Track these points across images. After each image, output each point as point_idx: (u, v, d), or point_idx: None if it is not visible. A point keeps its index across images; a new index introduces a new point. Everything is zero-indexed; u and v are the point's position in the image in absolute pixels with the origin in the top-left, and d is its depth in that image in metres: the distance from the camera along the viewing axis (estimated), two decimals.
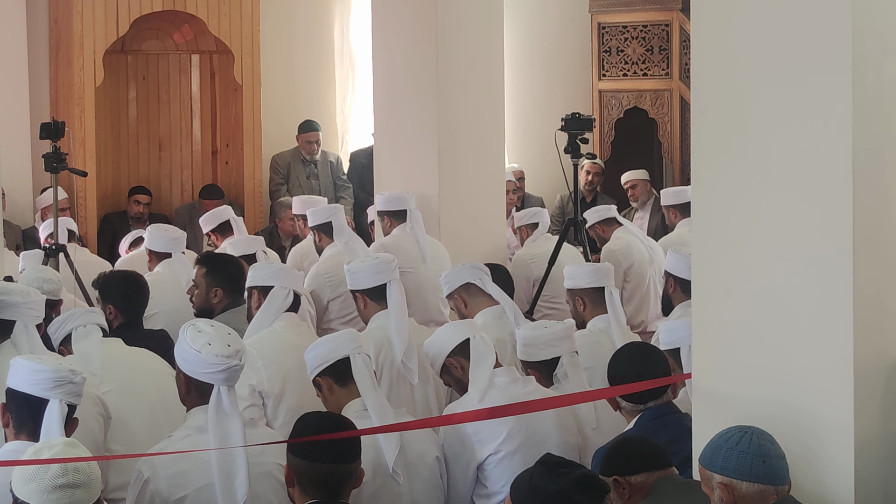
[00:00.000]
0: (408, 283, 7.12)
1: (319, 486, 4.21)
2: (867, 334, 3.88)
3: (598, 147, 11.74)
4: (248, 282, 6.36)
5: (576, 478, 3.63)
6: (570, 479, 3.61)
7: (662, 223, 9.88)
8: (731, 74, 4.12)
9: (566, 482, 3.61)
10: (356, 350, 5.05)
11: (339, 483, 4.23)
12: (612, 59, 11.91)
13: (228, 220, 8.73)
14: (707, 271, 4.24)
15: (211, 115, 11.32)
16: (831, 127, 3.87)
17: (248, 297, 6.37)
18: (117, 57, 10.92)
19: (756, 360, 4.06)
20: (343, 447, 4.27)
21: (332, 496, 4.21)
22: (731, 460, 3.68)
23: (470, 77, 8.69)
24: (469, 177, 8.66)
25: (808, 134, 3.92)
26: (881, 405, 3.95)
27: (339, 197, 11.06)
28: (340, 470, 4.23)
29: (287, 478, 4.29)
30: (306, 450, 4.24)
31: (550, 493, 3.62)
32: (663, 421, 4.83)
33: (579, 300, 6.53)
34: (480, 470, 5.11)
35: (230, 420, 4.49)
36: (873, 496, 3.93)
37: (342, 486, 4.25)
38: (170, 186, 11.35)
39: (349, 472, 4.27)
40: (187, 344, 4.56)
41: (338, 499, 4.22)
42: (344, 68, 11.91)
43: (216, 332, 4.60)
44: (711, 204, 4.21)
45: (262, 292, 6.19)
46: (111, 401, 5.24)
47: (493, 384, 5.22)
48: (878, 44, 3.92)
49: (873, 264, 3.90)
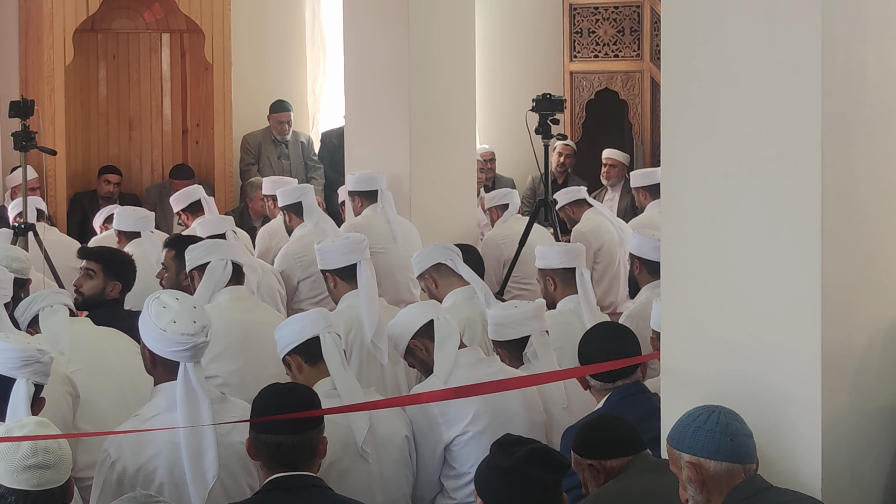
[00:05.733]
0: (378, 263, 7.12)
1: (275, 457, 4.14)
2: (835, 314, 3.89)
3: (570, 128, 11.74)
4: (187, 265, 6.37)
5: (525, 452, 3.63)
6: (520, 455, 3.62)
7: (632, 204, 9.90)
8: (702, 56, 4.13)
9: (517, 458, 3.62)
10: (326, 329, 5.04)
11: (294, 453, 4.14)
12: (583, 40, 11.92)
13: (199, 200, 8.70)
14: (677, 252, 4.25)
15: (181, 94, 11.28)
16: (800, 109, 3.87)
17: (190, 280, 6.37)
18: (87, 35, 10.87)
19: (725, 340, 4.08)
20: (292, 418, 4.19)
21: (289, 467, 4.13)
22: (699, 439, 3.69)
23: (441, 57, 8.68)
24: (440, 157, 8.65)
25: (777, 116, 3.93)
26: (849, 385, 3.97)
27: (309, 177, 11.04)
28: (294, 440, 4.14)
29: (248, 451, 4.25)
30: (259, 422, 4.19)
31: (503, 469, 3.63)
32: (632, 400, 4.84)
33: (550, 280, 6.55)
34: (448, 451, 5.12)
35: (198, 398, 4.47)
36: (841, 475, 3.95)
37: (298, 456, 4.14)
38: (140, 166, 11.31)
39: (304, 443, 4.17)
40: (152, 322, 4.51)
41: (298, 470, 4.13)
42: (315, 48, 11.88)
43: (181, 307, 4.55)
44: (681, 186, 4.22)
45: (201, 272, 6.21)
46: (79, 380, 5.23)
47: (457, 365, 5.22)
48: (848, 25, 3.93)
49: (841, 245, 3.91)
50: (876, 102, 4.03)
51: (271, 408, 4.21)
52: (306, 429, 4.19)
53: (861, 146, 3.98)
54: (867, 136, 4.00)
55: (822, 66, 3.83)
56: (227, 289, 6.16)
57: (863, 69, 3.98)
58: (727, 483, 3.68)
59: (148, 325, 4.55)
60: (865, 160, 4.00)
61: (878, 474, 4.10)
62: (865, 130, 4.00)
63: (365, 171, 8.36)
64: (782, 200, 3.93)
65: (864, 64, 3.98)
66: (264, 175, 10.41)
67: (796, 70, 3.88)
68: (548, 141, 8.69)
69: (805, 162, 3.87)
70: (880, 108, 4.05)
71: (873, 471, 4.08)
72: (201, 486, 4.41)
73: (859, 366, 4.00)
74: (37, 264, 7.19)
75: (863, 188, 3.99)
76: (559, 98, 8.77)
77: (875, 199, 4.03)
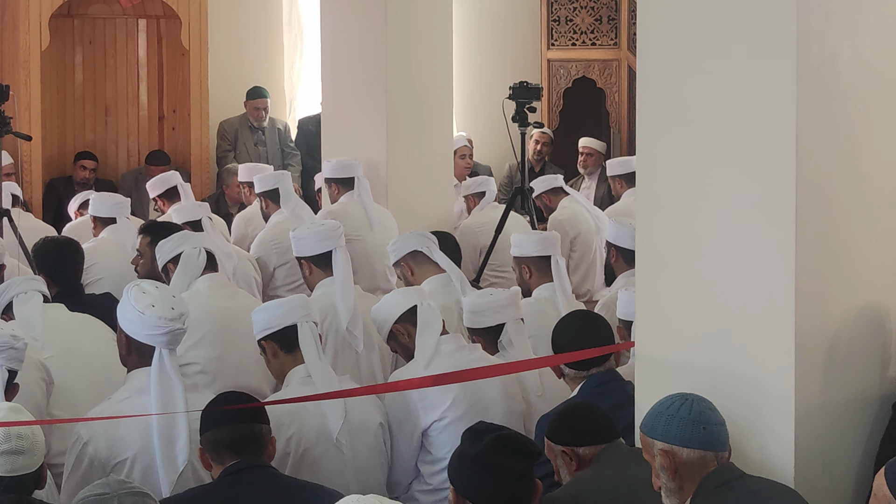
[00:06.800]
0: (355, 250, 7.12)
1: (223, 450, 4.13)
2: (808, 304, 3.91)
3: (547, 116, 11.75)
4: (159, 260, 6.36)
5: (492, 440, 3.63)
6: (487, 443, 3.63)
7: (609, 193, 9.91)
8: (677, 45, 4.14)
9: (484, 446, 3.62)
10: (304, 318, 5.04)
11: (241, 443, 4.11)
12: (560, 28, 11.92)
13: (176, 186, 8.67)
14: (651, 241, 4.27)
15: (158, 80, 11.23)
16: (775, 98, 3.89)
17: (164, 274, 6.35)
18: (63, 21, 10.81)
19: (699, 328, 4.09)
20: (236, 411, 4.18)
21: (238, 456, 4.10)
22: (672, 427, 3.70)
23: (418, 44, 8.66)
24: (417, 145, 8.64)
25: (752, 105, 3.95)
26: (822, 374, 3.99)
27: (286, 164, 11.02)
28: (241, 430, 4.12)
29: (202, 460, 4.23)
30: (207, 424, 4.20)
31: (471, 456, 3.64)
32: (606, 388, 4.85)
33: (525, 268, 6.56)
34: (425, 436, 5.13)
35: (172, 384, 4.48)
36: (813, 464, 3.97)
37: (245, 445, 4.12)
38: (116, 152, 11.27)
39: (251, 433, 4.15)
40: (131, 305, 4.53)
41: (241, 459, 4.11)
42: (292, 35, 11.84)
43: (161, 293, 4.58)
44: (656, 174, 4.23)
45: (176, 263, 6.22)
46: (53, 366, 5.22)
47: (439, 351, 5.23)
48: (823, 15, 3.94)
49: (815, 234, 3.93)
50: (849, 93, 4.05)
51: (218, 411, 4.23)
52: (251, 420, 4.19)
53: (835, 137, 4.00)
54: (841, 127, 4.02)
55: (797, 57, 3.85)
56: (206, 276, 6.16)
57: (837, 60, 4.00)
58: (700, 471, 3.69)
59: (126, 308, 4.57)
60: (839, 150, 4.01)
61: (850, 462, 4.12)
62: (839, 121, 4.01)
63: (342, 159, 8.34)
64: (757, 190, 3.95)
65: (838, 54, 4.00)
66: (241, 162, 10.38)
67: (771, 61, 3.89)
68: (524, 129, 8.69)
69: (780, 152, 3.88)
70: (854, 98, 4.06)
71: (845, 459, 4.10)
72: (171, 469, 4.42)
73: (832, 356, 4.01)
74: (11, 250, 7.16)
75: (836, 178, 4.01)
76: (536, 86, 8.78)
77: (848, 189, 4.05)
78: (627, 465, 4.08)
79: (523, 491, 3.62)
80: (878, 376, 4.22)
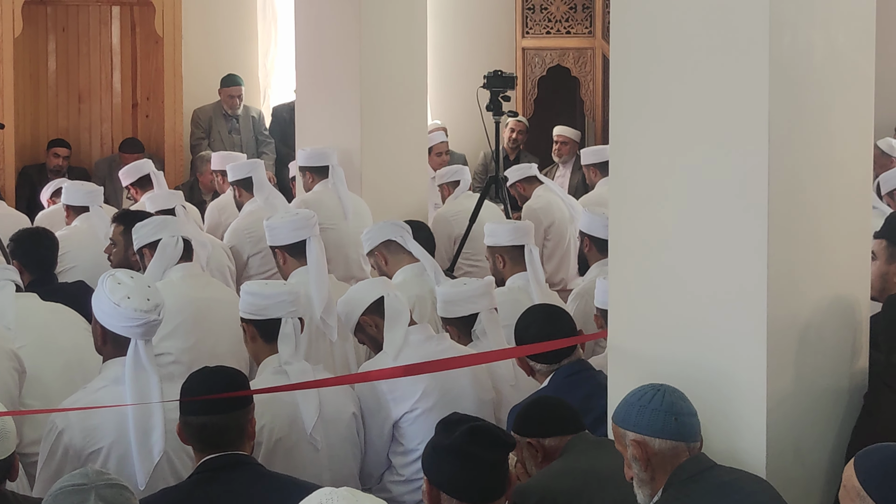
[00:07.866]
0: (329, 239, 7.11)
1: (203, 439, 4.10)
2: (780, 294, 3.92)
3: (521, 105, 11.75)
4: (136, 243, 6.35)
5: (466, 431, 3.63)
6: (461, 434, 3.63)
7: (583, 182, 9.92)
8: (650, 34, 4.14)
9: (458, 437, 3.63)
10: (290, 314, 5.05)
11: (221, 433, 4.09)
12: (535, 16, 11.92)
13: (149, 174, 8.64)
14: (624, 230, 4.27)
15: (131, 67, 11.20)
16: (748, 89, 3.89)
17: (140, 258, 6.34)
18: (36, 8, 10.77)
19: (672, 318, 4.10)
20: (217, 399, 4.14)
21: (217, 448, 4.08)
22: (644, 418, 3.71)
23: (393, 32, 8.65)
24: (391, 133, 8.63)
25: (725, 96, 3.95)
26: (793, 365, 4.00)
27: (260, 152, 10.99)
28: (220, 420, 4.09)
29: (179, 435, 4.21)
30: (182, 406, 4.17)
31: (445, 448, 3.64)
32: (577, 378, 4.87)
33: (499, 258, 6.56)
34: (396, 428, 5.13)
35: (147, 374, 4.46)
36: (785, 454, 3.98)
37: (225, 436, 4.09)
38: (89, 139, 11.23)
39: (231, 423, 4.11)
40: (106, 296, 4.51)
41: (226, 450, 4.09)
42: (266, 22, 11.81)
43: (136, 284, 4.56)
44: (629, 163, 4.24)
45: (152, 249, 6.20)
46: (26, 356, 5.20)
47: (408, 342, 5.23)
48: (795, 6, 3.95)
49: (787, 225, 3.94)
50: (822, 84, 4.06)
51: (199, 390, 4.17)
52: (232, 409, 4.14)
53: (807, 128, 4.01)
54: (813, 118, 4.03)
55: (770, 48, 3.85)
56: (180, 266, 6.15)
57: (810, 51, 4.01)
58: (671, 461, 3.71)
59: (101, 299, 4.54)
60: (811, 141, 4.02)
61: (822, 452, 4.14)
62: (812, 112, 4.02)
63: (316, 147, 8.33)
64: (729, 180, 3.95)
65: (810, 45, 4.01)
66: (215, 149, 10.36)
67: (744, 51, 3.90)
68: (499, 118, 8.69)
69: (752, 142, 3.89)
70: (826, 89, 4.08)
71: (817, 449, 4.12)
72: (147, 460, 4.41)
73: (803, 346, 4.03)
74: None
75: (808, 169, 4.02)
76: (510, 75, 8.78)
77: (820, 180, 4.06)
78: (596, 455, 4.09)
79: (497, 482, 3.62)
80: (849, 366, 4.24)
